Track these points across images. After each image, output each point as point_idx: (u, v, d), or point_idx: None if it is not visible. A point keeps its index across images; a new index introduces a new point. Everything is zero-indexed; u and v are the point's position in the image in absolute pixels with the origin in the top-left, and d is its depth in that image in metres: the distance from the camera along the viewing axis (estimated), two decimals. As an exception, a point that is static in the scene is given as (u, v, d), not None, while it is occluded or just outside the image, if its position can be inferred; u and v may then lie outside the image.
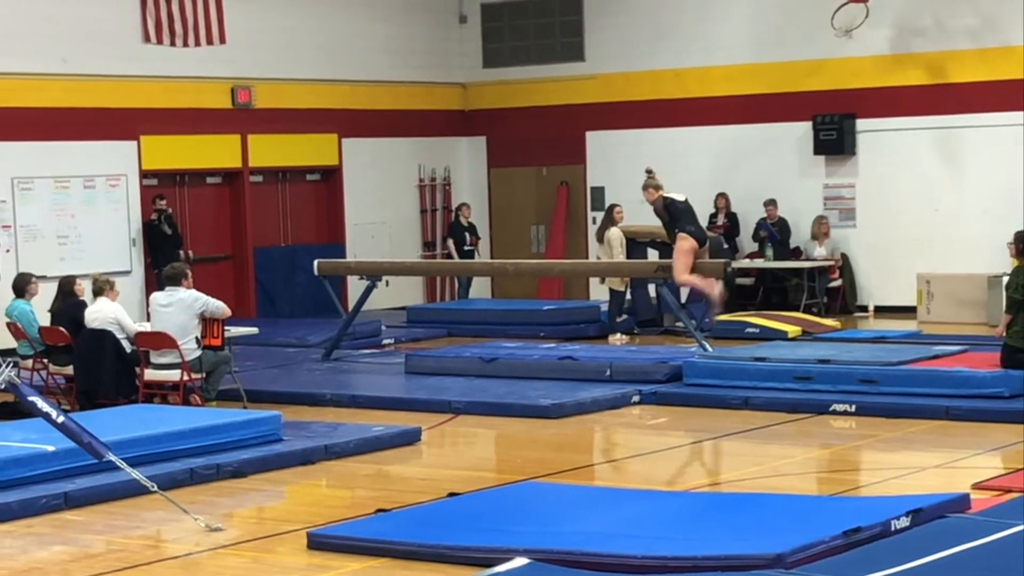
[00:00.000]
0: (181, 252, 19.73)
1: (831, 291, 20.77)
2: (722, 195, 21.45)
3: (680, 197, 15.54)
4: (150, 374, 13.63)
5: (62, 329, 14.08)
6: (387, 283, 18.88)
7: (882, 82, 20.55)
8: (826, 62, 20.83)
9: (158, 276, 18.52)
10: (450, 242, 22.35)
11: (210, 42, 20.08)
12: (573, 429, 12.88)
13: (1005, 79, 19.61)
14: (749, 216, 21.42)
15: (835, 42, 20.18)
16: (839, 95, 20.78)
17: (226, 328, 13.98)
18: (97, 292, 14.00)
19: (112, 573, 8.55)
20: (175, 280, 13.81)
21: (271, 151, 21.30)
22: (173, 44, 19.80)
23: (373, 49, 22.40)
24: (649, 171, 15.73)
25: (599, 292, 20.63)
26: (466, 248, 22.12)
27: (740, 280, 20.97)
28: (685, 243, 15.11)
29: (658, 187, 15.50)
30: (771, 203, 20.97)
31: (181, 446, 11.04)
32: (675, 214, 15.36)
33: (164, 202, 19.84)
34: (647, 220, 20.57)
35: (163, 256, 18.94)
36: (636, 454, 12.00)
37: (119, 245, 19.58)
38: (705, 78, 21.77)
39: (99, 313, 13.84)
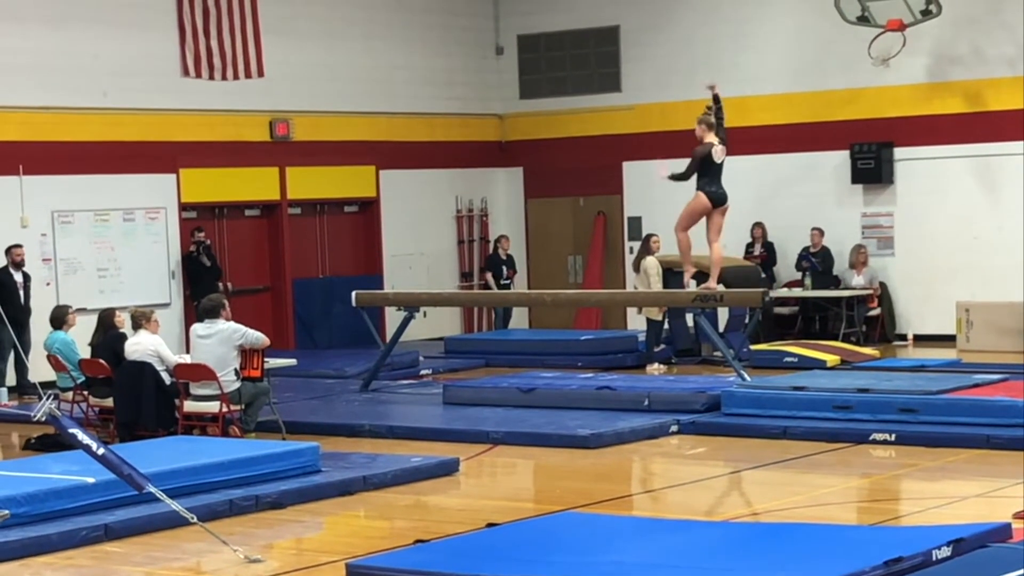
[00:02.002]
0: (220, 284, 19.82)
1: (870, 320, 20.71)
2: (759, 224, 21.43)
3: (719, 157, 15.18)
4: (189, 406, 13.68)
5: (102, 361, 14.15)
6: (425, 314, 18.93)
7: (920, 110, 20.52)
8: (863, 91, 20.82)
9: (197, 308, 18.62)
10: (488, 275, 22.38)
11: (248, 75, 20.21)
12: (611, 459, 12.85)
13: (1043, 107, 19.59)
14: (787, 246, 21.38)
15: (872, 71, 20.16)
16: (877, 124, 20.76)
17: (265, 359, 14.02)
18: (136, 325, 14.08)
19: (152, 604, 8.58)
20: (213, 313, 13.87)
21: (309, 183, 21.39)
22: (212, 78, 19.94)
23: (410, 81, 22.50)
24: (709, 108, 15.54)
25: (637, 322, 20.62)
26: (503, 281, 22.14)
27: (778, 309, 20.93)
28: (698, 203, 15.17)
29: (711, 126, 15.21)
30: (817, 230, 20.92)
31: (220, 477, 11.07)
32: (703, 170, 15.16)
33: (203, 234, 19.95)
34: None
35: (202, 288, 19.02)
36: (675, 484, 11.97)
37: (158, 277, 19.69)
38: (742, 108, 21.71)
39: (139, 345, 13.91)
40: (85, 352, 14.67)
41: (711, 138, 15.13)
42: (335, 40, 21.60)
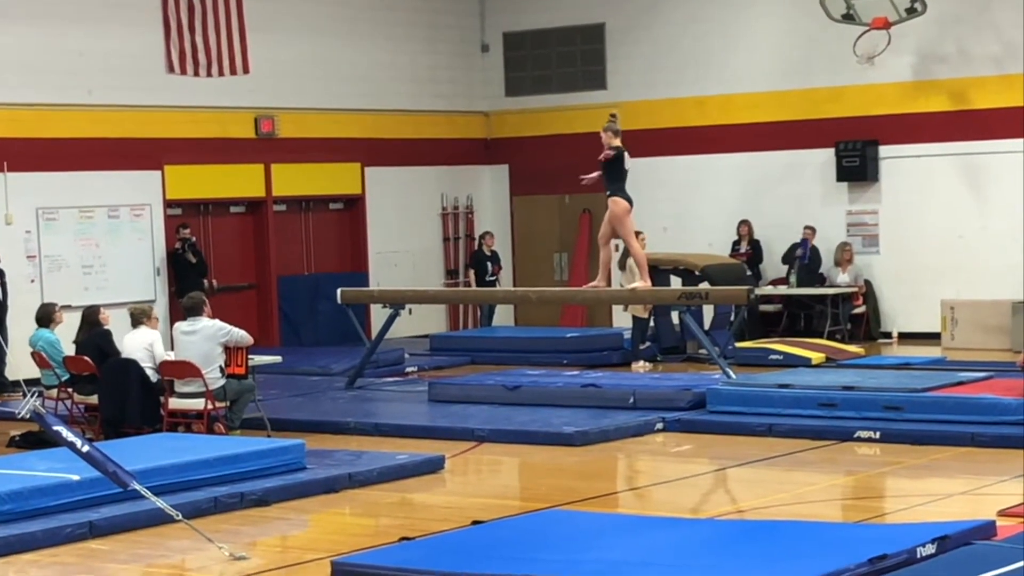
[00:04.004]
0: (205, 281, 19.79)
1: (855, 317, 20.74)
2: (745, 222, 21.45)
3: (628, 163, 15.10)
4: (174, 403, 13.66)
5: (86, 358, 14.12)
6: (410, 311, 18.91)
7: (904, 109, 20.55)
8: (848, 89, 20.84)
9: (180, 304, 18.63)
10: (471, 272, 22.39)
11: (233, 72, 20.18)
12: (597, 457, 12.86)
13: (1027, 105, 19.61)
14: (773, 243, 21.40)
15: (857, 69, 20.18)
16: (862, 122, 20.78)
17: (250, 357, 14.01)
18: (136, 322, 14.04)
19: (137, 602, 8.57)
20: (196, 311, 13.85)
21: (294, 180, 21.37)
22: (197, 74, 19.90)
23: (396, 78, 22.48)
24: (613, 115, 15.50)
25: (622, 320, 20.63)
26: (488, 278, 22.13)
27: (764, 307, 20.96)
28: (619, 207, 15.05)
29: (617, 133, 15.09)
30: (809, 228, 20.92)
31: (205, 475, 11.06)
32: (616, 174, 15.09)
33: (188, 231, 19.92)
34: (670, 247, 20.62)
35: (187, 285, 18.97)
36: (660, 482, 11.99)
37: (143, 274, 19.66)
38: (728, 106, 21.78)
39: (133, 341, 13.91)
40: (70, 349, 14.64)
41: (618, 143, 15.11)
42: (321, 37, 21.58)
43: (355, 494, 11.35)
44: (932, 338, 20.01)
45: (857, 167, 20.76)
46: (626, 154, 15.07)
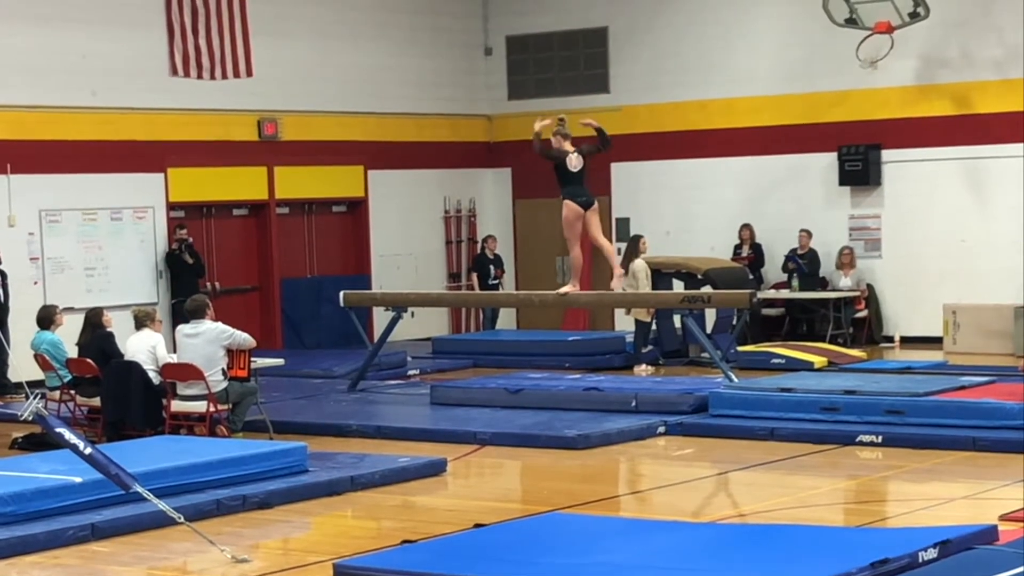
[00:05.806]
0: (208, 283, 19.78)
1: (857, 321, 20.74)
2: (747, 226, 21.45)
3: (574, 166, 14.99)
4: (177, 405, 13.67)
5: (89, 361, 14.13)
6: (412, 314, 18.93)
7: (907, 113, 20.55)
8: (851, 93, 20.85)
9: (174, 305, 18.67)
10: (474, 276, 22.41)
11: (237, 75, 20.20)
12: (598, 460, 12.86)
13: (1030, 110, 19.62)
14: (775, 247, 21.40)
15: (860, 73, 20.18)
16: (864, 126, 20.79)
17: (252, 359, 14.02)
18: (139, 325, 14.05)
19: (139, 604, 8.57)
20: (198, 313, 13.86)
21: (297, 183, 21.39)
22: (200, 77, 19.92)
23: (399, 81, 22.49)
24: (562, 119, 15.42)
25: (624, 323, 20.64)
26: (491, 281, 22.14)
27: (766, 311, 20.96)
28: (568, 211, 15.04)
29: (567, 136, 15.09)
30: (805, 232, 20.93)
31: (207, 477, 11.06)
32: (564, 177, 15.06)
33: (185, 231, 19.90)
34: (672, 251, 20.63)
35: (184, 285, 19.01)
36: (662, 485, 11.99)
37: (146, 277, 19.67)
38: (730, 109, 21.79)
39: (136, 343, 13.91)
40: (72, 351, 14.65)
41: (568, 147, 15.10)
42: (324, 40, 21.59)
43: (357, 497, 11.35)
44: (934, 342, 20.00)
45: (860, 171, 20.76)
46: (571, 158, 14.95)
